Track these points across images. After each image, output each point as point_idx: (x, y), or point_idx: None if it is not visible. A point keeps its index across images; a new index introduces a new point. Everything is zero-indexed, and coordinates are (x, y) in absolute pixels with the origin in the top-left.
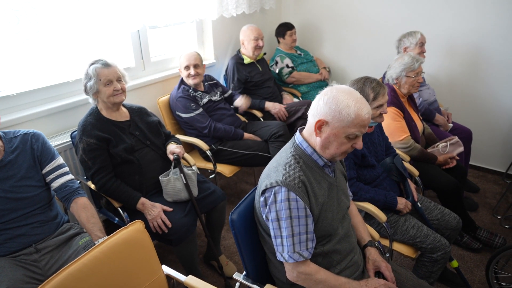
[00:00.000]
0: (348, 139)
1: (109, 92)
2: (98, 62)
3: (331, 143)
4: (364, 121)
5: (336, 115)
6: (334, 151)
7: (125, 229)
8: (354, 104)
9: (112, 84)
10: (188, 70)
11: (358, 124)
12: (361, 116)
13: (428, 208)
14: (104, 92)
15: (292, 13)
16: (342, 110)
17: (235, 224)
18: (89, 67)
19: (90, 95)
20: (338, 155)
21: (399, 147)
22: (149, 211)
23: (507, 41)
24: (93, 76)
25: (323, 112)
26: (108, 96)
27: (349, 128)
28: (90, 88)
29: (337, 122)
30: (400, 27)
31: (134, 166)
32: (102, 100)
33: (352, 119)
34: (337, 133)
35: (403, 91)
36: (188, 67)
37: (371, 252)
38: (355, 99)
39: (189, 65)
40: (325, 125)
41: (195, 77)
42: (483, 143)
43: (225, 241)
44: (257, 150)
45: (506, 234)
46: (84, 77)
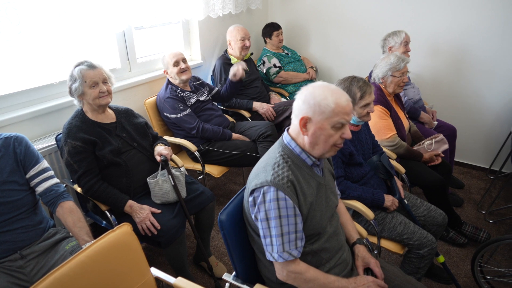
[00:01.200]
0: (335, 129)
1: (94, 94)
2: (83, 64)
3: (318, 137)
4: (345, 108)
5: (316, 109)
6: (324, 145)
7: (113, 232)
8: (331, 95)
9: (98, 86)
10: (178, 65)
11: (340, 112)
12: (341, 103)
13: (415, 204)
14: (89, 94)
15: (278, 13)
16: (321, 103)
17: (224, 225)
18: (74, 69)
19: (75, 97)
20: (328, 149)
21: (385, 145)
22: (137, 214)
23: (488, 40)
24: (78, 78)
25: (303, 110)
26: (93, 98)
27: (332, 118)
28: (75, 90)
29: (319, 116)
30: (385, 27)
31: (121, 168)
32: (88, 102)
33: (333, 108)
34: (322, 126)
35: (389, 90)
36: (177, 62)
37: (359, 249)
38: (331, 90)
39: (178, 60)
40: (308, 121)
41: (187, 71)
42: (467, 140)
43: (214, 242)
44: (246, 150)
45: (490, 228)
46: (69, 79)
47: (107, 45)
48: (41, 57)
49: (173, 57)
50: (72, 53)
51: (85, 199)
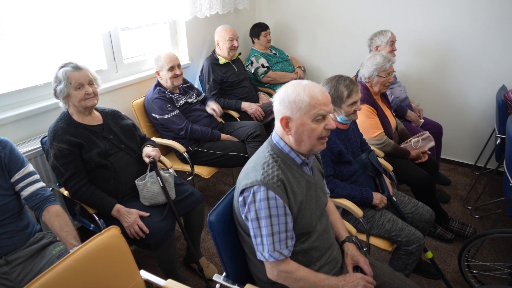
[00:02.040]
0: (316, 121)
1: (80, 96)
2: (68, 65)
3: (302, 134)
4: (320, 99)
5: (293, 106)
6: (309, 140)
7: (100, 236)
8: (303, 90)
9: (84, 88)
10: (174, 71)
11: (316, 104)
12: (315, 95)
13: (403, 202)
14: (75, 96)
15: (266, 13)
16: (295, 99)
17: (213, 226)
18: (58, 70)
19: (60, 99)
20: (315, 144)
21: (373, 144)
22: (124, 218)
23: (471, 40)
24: (63, 80)
25: (281, 110)
26: (79, 100)
27: (310, 112)
28: (60, 92)
29: (297, 112)
30: (371, 26)
31: (109, 170)
32: (74, 104)
33: (308, 102)
34: (303, 122)
35: (375, 89)
36: (173, 67)
37: (349, 247)
38: (303, 86)
39: (174, 65)
40: (289, 121)
41: (179, 77)
42: (453, 137)
43: (205, 243)
44: (235, 150)
45: (476, 223)
46: (54, 81)
47: (93, 46)
48: (25, 58)
49: (170, 62)
50: (57, 54)
51: (72, 203)
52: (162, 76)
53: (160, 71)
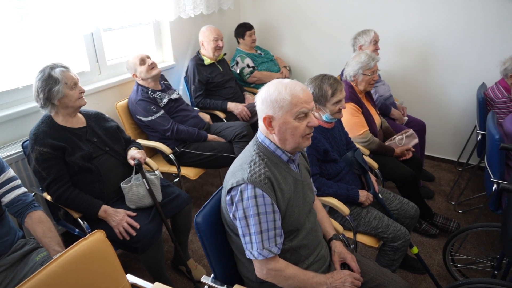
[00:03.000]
0: (299, 120)
1: (76, 95)
2: (58, 66)
3: (285, 132)
4: (302, 97)
5: (275, 105)
6: (293, 138)
7: (85, 240)
8: (284, 88)
9: (77, 87)
10: (145, 63)
11: (297, 102)
12: (297, 94)
13: (388, 199)
14: (71, 96)
15: (250, 13)
16: (277, 98)
17: (200, 227)
18: (51, 71)
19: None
20: (299, 141)
21: (358, 142)
22: (112, 218)
23: (452, 38)
24: (60, 80)
25: (264, 110)
26: (75, 99)
27: (292, 110)
28: (57, 93)
29: (279, 111)
30: (355, 26)
31: (93, 174)
32: (66, 106)
33: (290, 100)
34: (285, 120)
35: (360, 88)
36: (143, 60)
37: (336, 245)
38: (284, 84)
39: (143, 58)
40: (272, 120)
41: (155, 67)
42: (436, 134)
43: (193, 245)
44: (222, 151)
45: (460, 218)
46: (45, 84)
47: (75, 47)
48: (4, 61)
49: (137, 57)
50: (37, 56)
51: (56, 207)
52: (139, 75)
53: (135, 71)
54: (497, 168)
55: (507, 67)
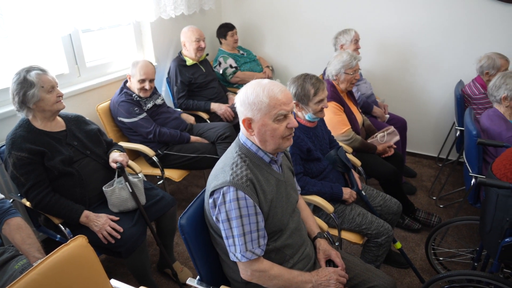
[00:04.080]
0: (278, 121)
1: (53, 99)
2: (34, 69)
3: (265, 134)
4: (280, 99)
5: (253, 107)
6: (273, 140)
7: (66, 246)
8: (262, 90)
9: (55, 90)
10: (143, 84)
11: (276, 104)
12: (275, 96)
13: (371, 195)
14: (48, 99)
15: (232, 13)
16: (255, 101)
17: (184, 229)
18: (26, 74)
19: (29, 106)
20: (279, 142)
21: (341, 140)
22: (94, 223)
23: (430, 37)
24: (36, 83)
25: (243, 112)
26: (52, 103)
27: (270, 112)
28: (33, 96)
29: (258, 114)
30: (336, 25)
31: (74, 178)
32: (42, 110)
33: (268, 102)
34: (264, 123)
35: (342, 87)
36: (144, 80)
37: (320, 243)
38: (262, 86)
39: (146, 79)
40: (251, 122)
41: (147, 92)
42: (417, 131)
43: (178, 247)
44: (205, 152)
45: (441, 213)
46: (20, 87)
47: (52, 49)
48: None
49: (143, 74)
50: (13, 58)
51: (35, 213)
52: (132, 83)
53: (132, 77)
54: (475, 163)
55: (482, 65)
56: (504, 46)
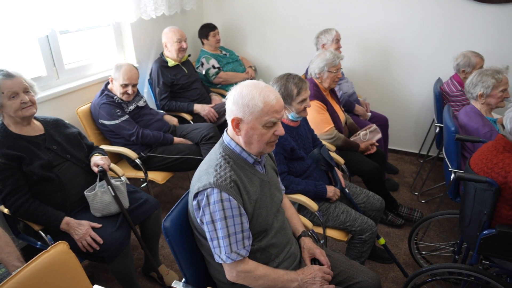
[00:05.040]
0: (266, 128)
1: (15, 106)
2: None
3: (252, 137)
4: (274, 106)
5: (245, 109)
6: (258, 144)
7: (47, 253)
8: (258, 94)
9: (19, 97)
10: (126, 88)
11: (269, 111)
12: (269, 103)
13: (355, 193)
14: (9, 106)
15: (214, 13)
16: (249, 103)
17: (168, 232)
18: None
19: None
20: (264, 147)
21: (324, 138)
22: (75, 230)
23: (408, 36)
24: None
25: (234, 111)
26: (15, 110)
27: (262, 118)
28: None
29: (249, 116)
30: (317, 25)
31: (54, 183)
32: (9, 115)
33: (261, 108)
34: (253, 126)
35: (325, 85)
36: (127, 85)
37: (305, 241)
38: (259, 89)
39: (129, 84)
40: (240, 122)
41: (130, 96)
42: (398, 128)
43: (164, 250)
44: (189, 153)
45: (423, 208)
46: None
47: (29, 51)
48: None
49: (127, 79)
50: None
51: (14, 221)
52: (114, 86)
53: (115, 80)
54: (454, 158)
55: (459, 63)
56: (479, 45)
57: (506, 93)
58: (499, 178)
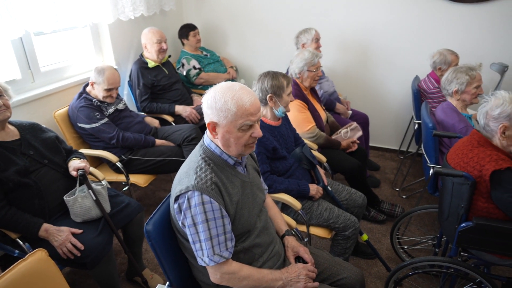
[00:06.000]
0: (242, 131)
1: None
2: None
3: (228, 140)
4: (248, 109)
5: (220, 113)
6: (236, 146)
7: (24, 262)
8: (231, 98)
9: None
10: (109, 92)
11: (243, 114)
12: (243, 106)
13: (337, 190)
14: None
15: (194, 14)
16: (222, 107)
17: (151, 235)
18: None
19: None
20: (242, 149)
21: (306, 137)
22: (54, 237)
23: (386, 35)
24: None
25: (209, 115)
26: None
27: (236, 121)
28: None
29: (224, 120)
30: (297, 25)
31: (32, 189)
32: None
33: (235, 112)
34: (229, 130)
35: (305, 84)
36: (111, 90)
37: (289, 240)
38: (232, 92)
39: (113, 88)
40: (216, 126)
41: (114, 98)
42: (378, 126)
43: (148, 254)
44: (171, 155)
45: (404, 203)
46: None
47: (2, 54)
48: None
49: (111, 84)
50: None
51: None
52: (96, 89)
53: (97, 84)
54: (432, 154)
55: (435, 60)
56: (454, 43)
57: (479, 89)
58: (474, 172)
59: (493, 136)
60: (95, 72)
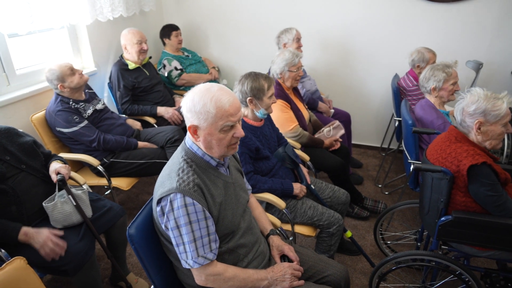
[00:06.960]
0: (224, 132)
1: None
2: None
3: (211, 142)
4: (227, 110)
5: (200, 116)
6: (218, 148)
7: (1, 271)
8: (210, 100)
9: None
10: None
11: (222, 115)
12: (222, 107)
13: (321, 188)
14: None
15: (174, 14)
16: (201, 110)
17: (134, 239)
18: None
19: None
20: (225, 150)
21: (290, 136)
22: (35, 239)
23: (366, 34)
24: None
25: (189, 118)
26: None
27: (217, 123)
28: None
29: (204, 122)
30: (278, 25)
31: (9, 196)
32: None
33: (214, 113)
34: (210, 132)
35: (287, 84)
36: (72, 68)
37: (273, 240)
38: (210, 94)
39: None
40: (197, 129)
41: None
42: (360, 123)
43: (132, 258)
44: (154, 158)
45: (386, 199)
46: None
47: None
48: None
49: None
50: None
51: None
52: (68, 85)
53: (63, 82)
54: (412, 150)
55: (413, 59)
56: (432, 41)
57: (456, 86)
58: (452, 167)
59: (469, 131)
60: (48, 81)
